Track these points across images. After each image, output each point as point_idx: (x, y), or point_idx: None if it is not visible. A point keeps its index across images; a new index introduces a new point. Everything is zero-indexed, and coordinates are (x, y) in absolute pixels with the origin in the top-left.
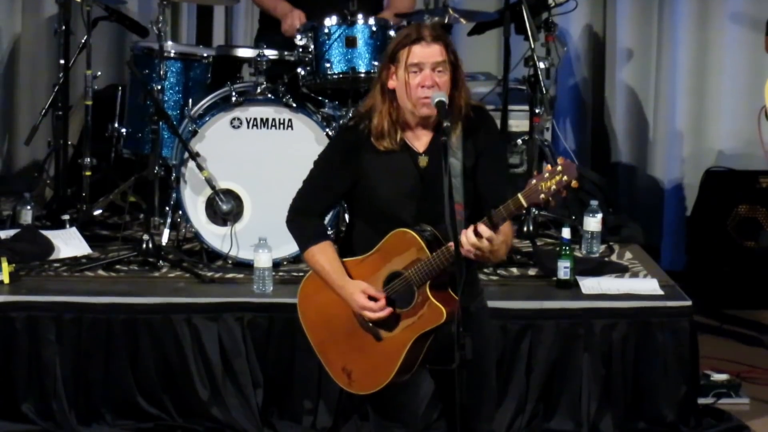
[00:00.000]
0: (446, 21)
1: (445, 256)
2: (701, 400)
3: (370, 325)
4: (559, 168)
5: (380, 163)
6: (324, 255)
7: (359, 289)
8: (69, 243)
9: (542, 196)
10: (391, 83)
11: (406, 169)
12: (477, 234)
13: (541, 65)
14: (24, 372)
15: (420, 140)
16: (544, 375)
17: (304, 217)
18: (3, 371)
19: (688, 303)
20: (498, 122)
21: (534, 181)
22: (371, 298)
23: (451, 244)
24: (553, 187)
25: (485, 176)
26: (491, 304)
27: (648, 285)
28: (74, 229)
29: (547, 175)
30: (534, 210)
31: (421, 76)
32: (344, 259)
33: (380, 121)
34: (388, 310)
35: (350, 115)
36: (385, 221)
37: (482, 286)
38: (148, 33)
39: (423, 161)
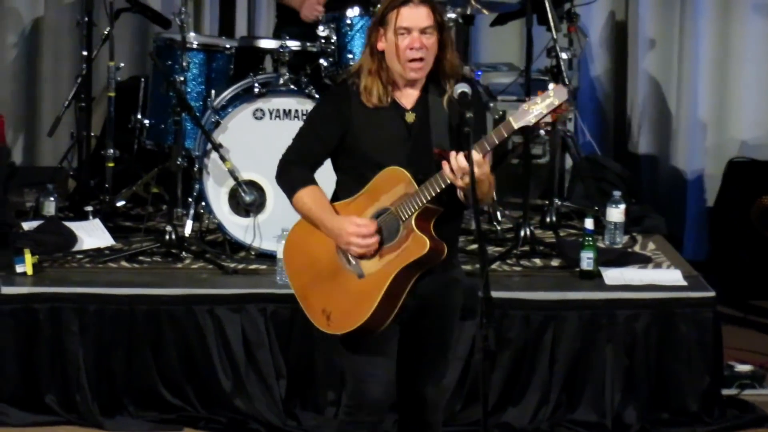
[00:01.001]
0: (468, 12)
1: (431, 188)
2: (725, 391)
3: (353, 262)
4: (551, 92)
5: (368, 117)
6: (312, 196)
7: (348, 220)
8: (92, 234)
9: (532, 117)
10: (380, 45)
11: (393, 123)
12: (467, 158)
13: (564, 56)
14: (47, 363)
15: (407, 98)
16: (567, 366)
17: (294, 167)
18: (26, 363)
19: (712, 293)
20: None
21: (524, 105)
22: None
23: (438, 174)
24: (543, 109)
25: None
26: (514, 295)
27: (671, 276)
28: (97, 220)
29: (538, 99)
30: (557, 200)
31: (409, 39)
32: (333, 203)
33: (370, 82)
34: (376, 238)
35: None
36: (372, 173)
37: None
38: (170, 24)
39: (410, 117)
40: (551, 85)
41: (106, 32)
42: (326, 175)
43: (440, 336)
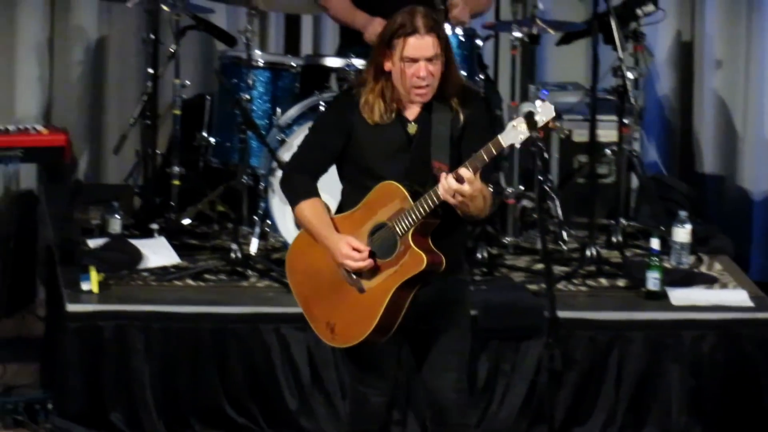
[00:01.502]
0: (534, 31)
1: (426, 204)
2: None
3: (354, 277)
4: (537, 108)
5: (372, 129)
6: (312, 210)
7: (344, 240)
8: (157, 252)
9: (520, 136)
10: (387, 65)
11: (395, 132)
12: (458, 178)
13: (629, 75)
14: (113, 381)
15: (410, 110)
16: (633, 386)
17: (297, 175)
18: (92, 380)
19: None
20: (586, 132)
21: (513, 123)
22: (355, 250)
23: (432, 191)
24: (530, 128)
25: (469, 146)
26: (580, 315)
27: (737, 296)
28: (162, 238)
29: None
30: (623, 220)
31: (415, 68)
32: (332, 216)
33: (372, 99)
34: (369, 261)
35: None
36: (373, 181)
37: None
38: (236, 42)
39: (412, 128)
40: (538, 102)
41: (172, 50)
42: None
43: (449, 334)
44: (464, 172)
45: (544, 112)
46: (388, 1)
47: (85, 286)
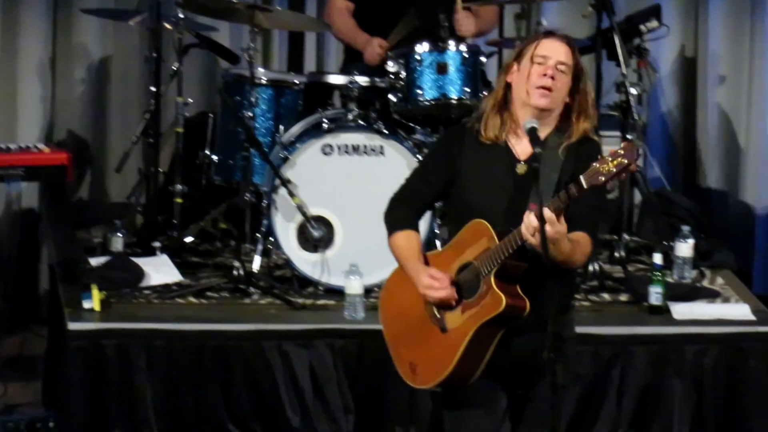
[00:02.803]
0: None
1: (509, 244)
2: None
3: (438, 316)
4: (621, 151)
5: (478, 164)
6: (405, 241)
7: (425, 271)
8: (160, 270)
9: (602, 177)
10: (510, 77)
11: (503, 173)
12: (538, 217)
13: (633, 91)
14: (115, 399)
15: (523, 147)
16: (635, 401)
17: (400, 207)
18: (94, 398)
19: None
20: None
21: (596, 164)
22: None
23: (517, 230)
24: (613, 169)
25: (574, 205)
26: (583, 329)
27: (740, 310)
28: (165, 256)
29: (609, 157)
30: (625, 235)
31: (543, 66)
32: (425, 253)
33: (490, 115)
34: (451, 290)
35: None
36: (471, 219)
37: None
38: (239, 60)
39: (521, 169)
40: (622, 144)
41: (174, 68)
42: None
43: (542, 401)
44: (545, 211)
45: (627, 153)
46: (389, 23)
47: (87, 305)
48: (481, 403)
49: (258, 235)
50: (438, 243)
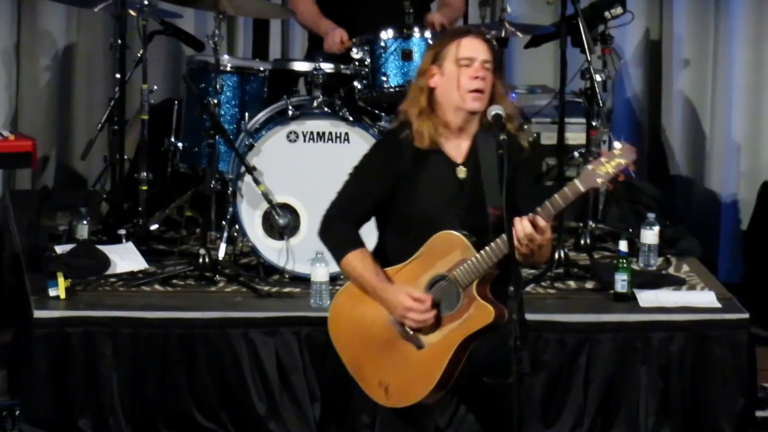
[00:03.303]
0: (503, 34)
1: (492, 254)
2: (759, 413)
3: (411, 333)
4: (617, 152)
5: (419, 173)
6: (362, 261)
7: (403, 291)
8: (125, 258)
9: (599, 180)
10: (433, 81)
11: (445, 179)
12: (534, 225)
13: (598, 78)
14: (81, 387)
15: (457, 150)
16: (601, 388)
17: (340, 224)
18: (60, 387)
19: (746, 315)
20: (554, 135)
21: (590, 167)
22: (417, 301)
23: (500, 239)
24: (610, 170)
25: (524, 189)
26: (549, 317)
27: (705, 298)
28: (130, 243)
29: (604, 159)
30: (591, 223)
31: (472, 69)
32: (384, 269)
33: (420, 123)
34: (433, 313)
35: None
36: (425, 231)
37: (539, 302)
38: (204, 47)
39: (461, 172)
40: (617, 144)
41: (139, 55)
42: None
43: (507, 397)
44: (539, 221)
45: (623, 155)
46: (353, 9)
47: (52, 293)
48: (419, 410)
49: (223, 222)
50: None
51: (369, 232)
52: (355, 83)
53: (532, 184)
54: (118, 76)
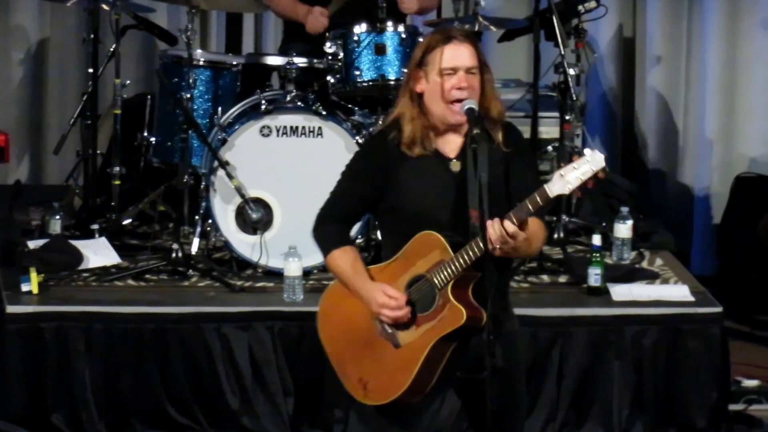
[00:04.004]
0: (476, 28)
1: (467, 256)
2: (732, 407)
3: (389, 331)
4: (587, 157)
5: (411, 171)
6: (345, 258)
7: (379, 288)
8: (98, 252)
9: (569, 186)
10: (420, 87)
11: (438, 175)
12: (504, 229)
13: (571, 72)
14: (53, 382)
15: (450, 145)
16: (575, 382)
17: (330, 224)
18: (33, 381)
19: (719, 309)
20: (528, 129)
21: (560, 172)
22: (391, 298)
23: (474, 241)
24: (580, 177)
25: (519, 180)
26: (522, 311)
27: (679, 291)
28: (103, 238)
29: (574, 164)
30: (564, 217)
31: (455, 78)
32: (368, 267)
33: (412, 128)
34: (407, 310)
35: (380, 123)
36: (421, 228)
37: (511, 297)
38: (177, 41)
39: (455, 166)
40: (587, 151)
41: (111, 49)
42: None
43: (508, 400)
44: (508, 225)
45: (593, 161)
46: (328, 2)
47: (25, 287)
48: (407, 411)
49: (196, 217)
50: None
51: None
52: (329, 77)
53: (531, 175)
54: (90, 70)
